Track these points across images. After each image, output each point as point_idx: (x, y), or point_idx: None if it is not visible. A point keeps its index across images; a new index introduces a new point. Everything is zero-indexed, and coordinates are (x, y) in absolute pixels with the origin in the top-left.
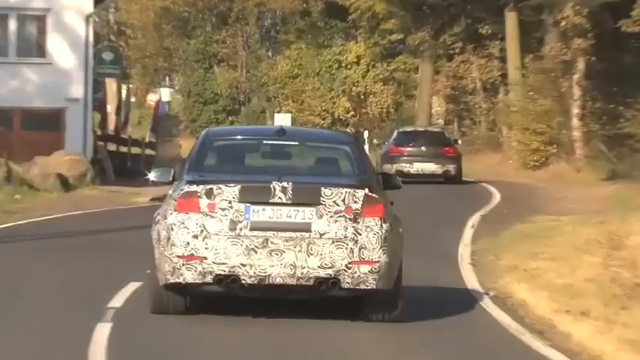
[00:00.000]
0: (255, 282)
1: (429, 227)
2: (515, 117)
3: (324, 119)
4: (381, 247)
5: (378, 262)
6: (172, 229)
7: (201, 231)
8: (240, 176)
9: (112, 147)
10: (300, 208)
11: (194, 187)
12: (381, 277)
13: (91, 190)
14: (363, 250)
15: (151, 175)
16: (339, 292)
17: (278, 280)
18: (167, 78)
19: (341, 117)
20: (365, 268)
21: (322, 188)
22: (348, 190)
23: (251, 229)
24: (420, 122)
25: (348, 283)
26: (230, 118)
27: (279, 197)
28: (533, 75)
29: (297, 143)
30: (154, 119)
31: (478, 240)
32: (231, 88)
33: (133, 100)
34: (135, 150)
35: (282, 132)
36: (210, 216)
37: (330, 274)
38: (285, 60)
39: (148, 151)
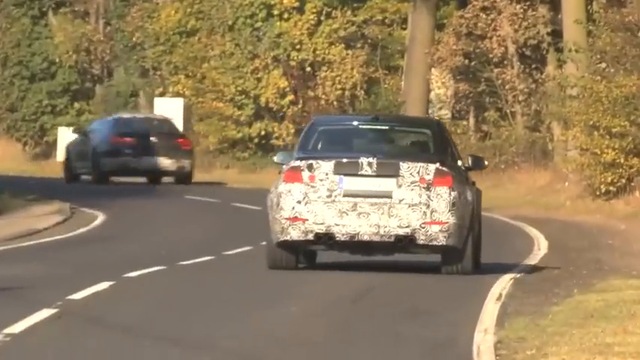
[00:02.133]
0: (347, 239)
1: (429, 299)
2: (575, 106)
3: (240, 108)
4: (449, 210)
5: (447, 222)
6: (281, 196)
7: (304, 197)
8: (335, 154)
9: None
10: (383, 179)
11: (298, 163)
12: (450, 235)
13: None
14: (434, 213)
15: (275, 157)
16: (415, 249)
17: (365, 238)
18: None
19: (271, 104)
20: (436, 228)
21: (401, 163)
22: (422, 164)
23: (344, 196)
24: (411, 113)
25: (422, 240)
26: (76, 104)
27: (366, 170)
28: (608, 34)
29: (387, 127)
30: None
31: (508, 322)
32: (79, 53)
33: None
34: None
35: (375, 118)
36: (311, 185)
37: (407, 233)
38: (174, 4)
39: None
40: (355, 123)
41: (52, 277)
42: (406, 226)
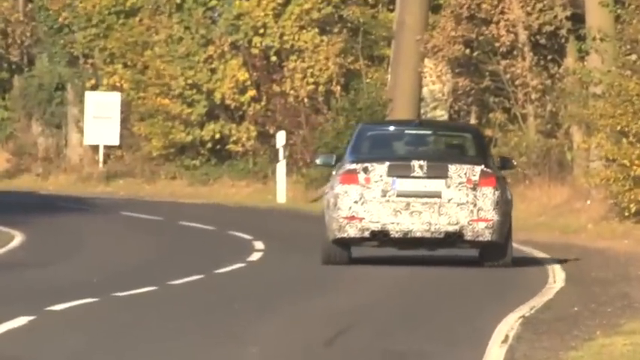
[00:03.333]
0: (401, 236)
1: (418, 341)
2: (600, 107)
3: (190, 105)
4: (494, 209)
5: (492, 220)
6: (338, 197)
7: (360, 198)
8: (388, 157)
9: None
10: (433, 180)
11: (354, 166)
12: (495, 231)
13: None
14: (480, 211)
15: (317, 160)
16: (462, 244)
17: (417, 234)
18: None
19: (229, 101)
20: (482, 225)
21: (449, 165)
22: (468, 166)
23: (397, 196)
24: (400, 113)
25: (469, 236)
26: None
27: (417, 172)
28: None
29: (431, 132)
30: None
31: None
32: None
33: None
34: None
35: (419, 124)
36: (367, 187)
37: (456, 229)
38: None
39: None
40: (401, 128)
41: None
42: (455, 224)
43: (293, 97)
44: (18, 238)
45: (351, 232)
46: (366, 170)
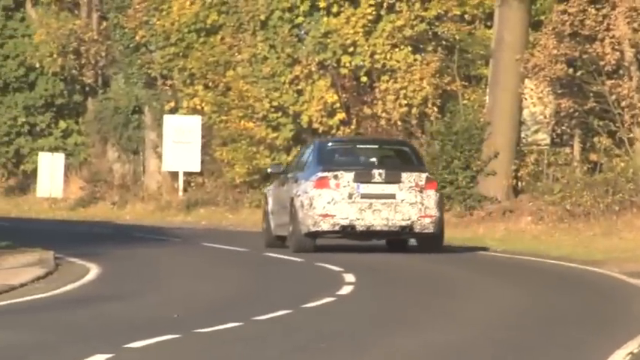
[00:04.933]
0: (365, 229)
1: None
2: None
3: (276, 129)
4: (436, 207)
5: (435, 216)
6: (314, 199)
7: (332, 199)
8: (352, 166)
9: None
10: (390, 185)
11: (326, 174)
12: (436, 225)
13: None
14: (426, 209)
15: (269, 169)
16: (413, 235)
17: (378, 228)
18: None
19: (316, 125)
20: (427, 220)
21: (402, 173)
22: (416, 173)
23: (361, 198)
24: (499, 136)
25: (418, 229)
26: (62, 123)
27: (377, 178)
28: None
29: (377, 146)
30: None
31: None
32: (66, 57)
33: None
34: None
35: (365, 140)
36: (337, 190)
37: (408, 224)
38: None
39: None
40: (353, 143)
41: (29, 349)
42: (407, 219)
43: (385, 120)
44: (94, 271)
45: (325, 226)
46: (336, 177)
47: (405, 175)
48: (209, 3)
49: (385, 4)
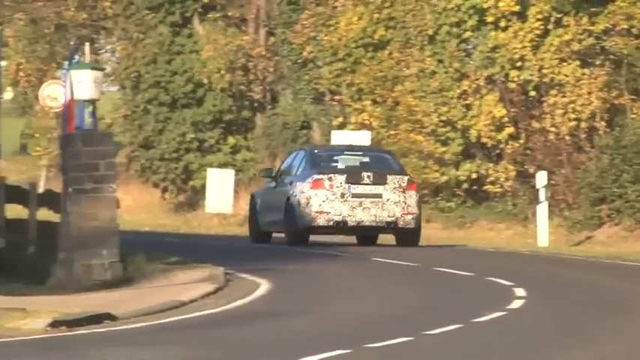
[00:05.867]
0: (355, 225)
1: None
2: None
3: (445, 143)
4: (416, 205)
5: (415, 213)
6: (310, 197)
7: (327, 198)
8: (344, 170)
9: None
10: (377, 186)
11: (321, 176)
12: (416, 221)
13: None
14: (408, 207)
15: (261, 173)
16: (397, 230)
17: (367, 224)
18: (87, 46)
19: (485, 139)
20: (409, 217)
21: (387, 175)
22: (399, 176)
23: (352, 197)
24: None
25: (401, 225)
26: (231, 138)
27: (366, 180)
28: None
29: (362, 153)
30: (62, 143)
31: None
32: (233, 72)
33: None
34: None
35: (352, 148)
36: (331, 190)
37: (393, 220)
38: (357, 8)
39: (47, 214)
40: (341, 150)
41: None
42: (392, 216)
43: (554, 134)
44: (264, 287)
45: (321, 222)
46: (330, 179)
47: (390, 178)
48: (376, 18)
49: (553, 19)
